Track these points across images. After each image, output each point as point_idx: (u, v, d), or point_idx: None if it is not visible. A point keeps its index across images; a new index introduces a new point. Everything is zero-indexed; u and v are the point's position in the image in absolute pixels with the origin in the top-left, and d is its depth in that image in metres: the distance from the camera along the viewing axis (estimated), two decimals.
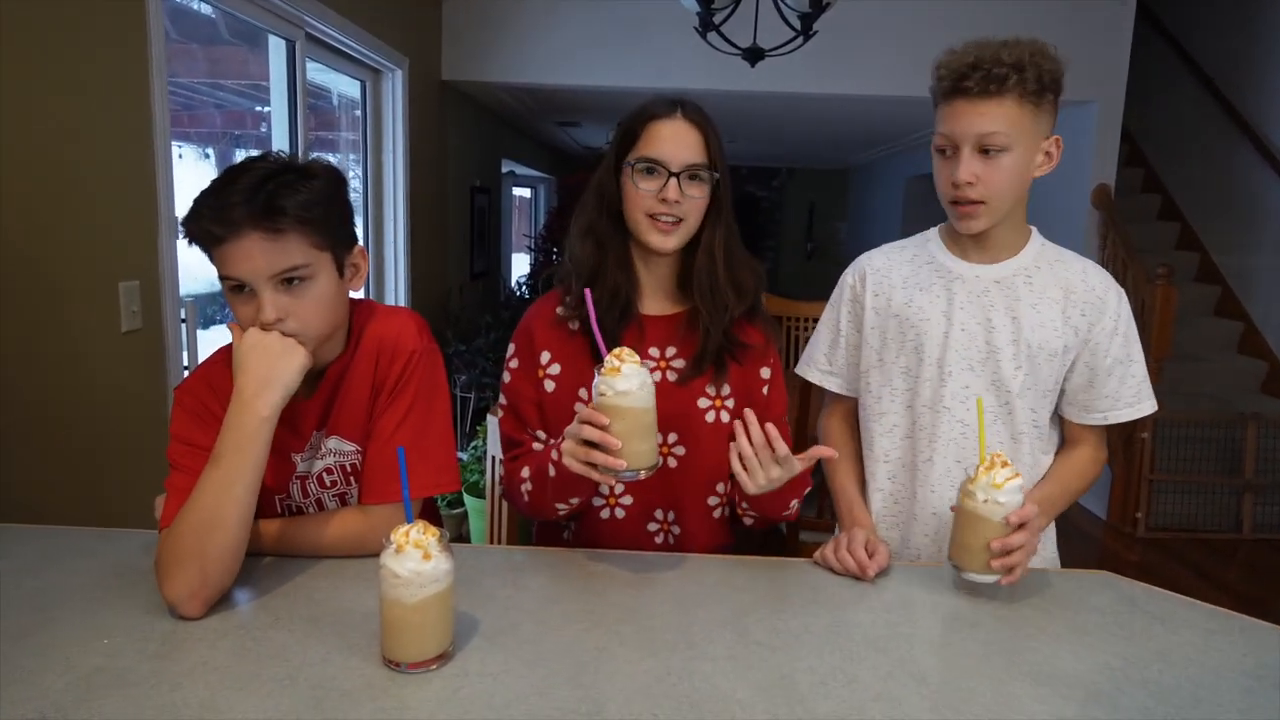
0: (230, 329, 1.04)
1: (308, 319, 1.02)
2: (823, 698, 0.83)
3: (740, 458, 1.05)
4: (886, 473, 1.32)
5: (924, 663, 0.90)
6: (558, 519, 1.23)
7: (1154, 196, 5.35)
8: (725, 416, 1.23)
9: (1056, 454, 1.31)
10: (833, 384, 1.39)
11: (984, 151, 1.14)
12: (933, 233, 1.32)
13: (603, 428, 0.99)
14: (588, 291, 1.10)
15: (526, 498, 1.19)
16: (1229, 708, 0.84)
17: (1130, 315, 1.25)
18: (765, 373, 1.27)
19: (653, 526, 1.26)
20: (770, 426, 1.04)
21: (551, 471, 1.11)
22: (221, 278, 1.01)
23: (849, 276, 1.36)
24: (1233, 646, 0.96)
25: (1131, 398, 1.24)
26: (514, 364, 1.27)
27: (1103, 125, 4.11)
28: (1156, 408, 1.27)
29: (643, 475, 1.02)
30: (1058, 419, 1.31)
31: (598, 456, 0.99)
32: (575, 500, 1.15)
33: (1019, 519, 1.03)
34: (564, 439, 1.04)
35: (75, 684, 0.80)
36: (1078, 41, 3.83)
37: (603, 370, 1.00)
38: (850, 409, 1.40)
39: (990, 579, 1.05)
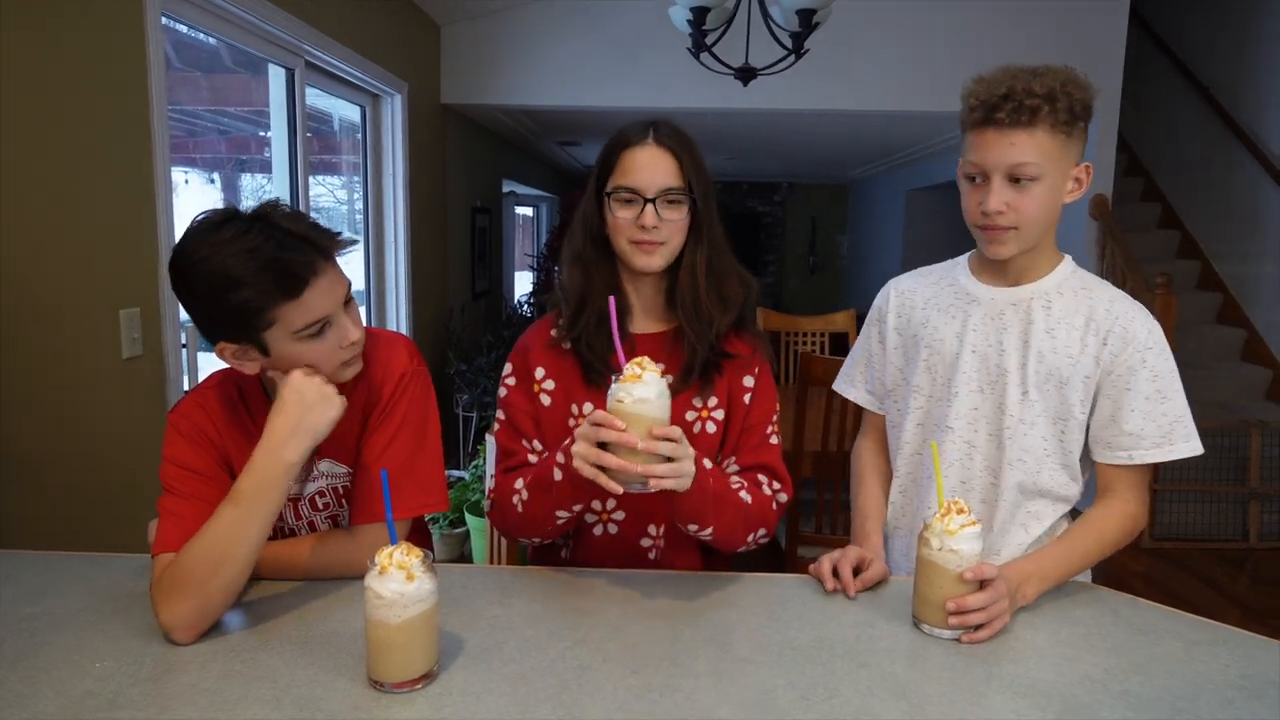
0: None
1: (360, 332, 1.08)
2: (803, 712, 0.83)
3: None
4: (899, 487, 1.35)
5: (904, 676, 0.91)
6: (547, 533, 1.20)
7: (1154, 205, 5.36)
8: (712, 427, 1.25)
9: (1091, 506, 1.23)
10: (865, 401, 1.43)
11: (1015, 180, 1.14)
12: (963, 258, 1.33)
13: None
14: (612, 300, 1.08)
15: (520, 508, 1.17)
16: (1208, 718, 0.84)
17: (1165, 350, 1.18)
18: (749, 381, 1.28)
19: (645, 542, 1.28)
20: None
21: (558, 475, 1.08)
22: (295, 332, 1.00)
23: (879, 298, 1.40)
24: (1215, 657, 0.96)
25: (1159, 437, 1.16)
26: (511, 380, 1.29)
27: (1098, 137, 4.11)
28: (1199, 451, 1.17)
29: (652, 488, 0.98)
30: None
31: (610, 460, 0.97)
32: (577, 508, 1.12)
33: (974, 575, 0.99)
34: (574, 441, 1.02)
35: (66, 708, 0.81)
36: (1070, 54, 3.81)
37: (622, 378, 0.98)
38: (882, 427, 1.42)
39: (947, 635, 1.00)
